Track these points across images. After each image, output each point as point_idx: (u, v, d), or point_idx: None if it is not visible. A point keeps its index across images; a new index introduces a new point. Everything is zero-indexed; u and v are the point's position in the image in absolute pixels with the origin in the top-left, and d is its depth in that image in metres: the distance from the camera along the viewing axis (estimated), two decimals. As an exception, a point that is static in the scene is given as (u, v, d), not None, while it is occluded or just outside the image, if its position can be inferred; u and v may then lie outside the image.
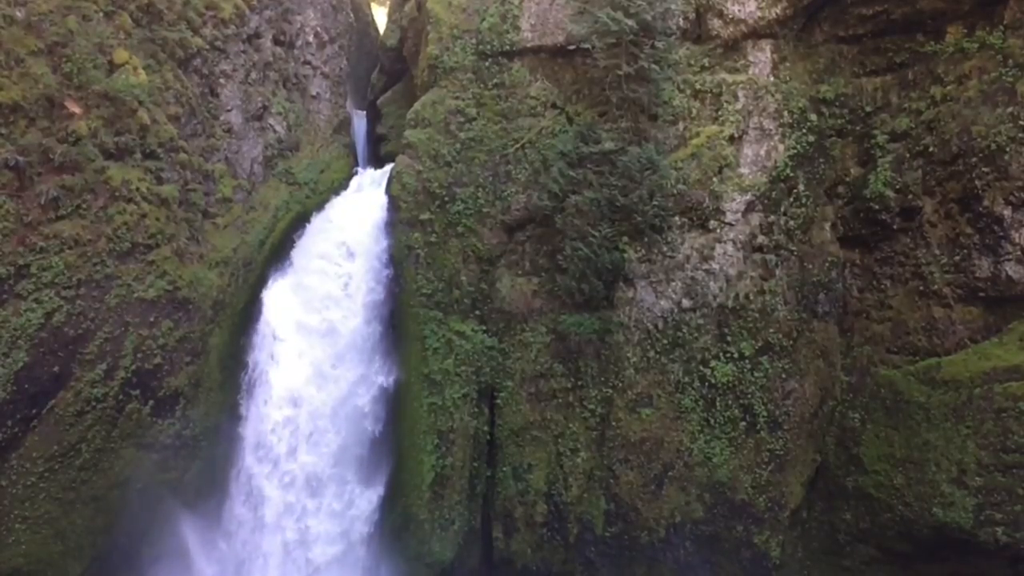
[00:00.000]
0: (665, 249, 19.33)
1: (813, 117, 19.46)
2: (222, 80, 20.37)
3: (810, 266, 19.22)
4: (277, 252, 20.93)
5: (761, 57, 19.78)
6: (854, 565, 18.33)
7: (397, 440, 19.91)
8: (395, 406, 20.01)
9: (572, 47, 20.02)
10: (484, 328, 20.15)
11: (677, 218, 19.34)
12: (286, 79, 22.51)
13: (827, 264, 19.25)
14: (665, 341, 19.19)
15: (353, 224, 21.31)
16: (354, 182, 23.14)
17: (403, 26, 24.85)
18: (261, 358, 19.80)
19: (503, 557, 19.87)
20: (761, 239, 19.22)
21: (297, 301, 20.51)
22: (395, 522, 19.39)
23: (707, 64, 19.95)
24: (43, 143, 16.29)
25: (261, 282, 20.38)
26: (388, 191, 20.67)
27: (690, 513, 18.78)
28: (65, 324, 16.42)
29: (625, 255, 19.23)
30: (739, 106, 19.47)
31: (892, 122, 18.70)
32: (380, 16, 32.63)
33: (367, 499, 19.73)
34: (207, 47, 19.74)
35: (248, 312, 19.91)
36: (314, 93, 23.62)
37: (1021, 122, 16.67)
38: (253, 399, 19.57)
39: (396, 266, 20.44)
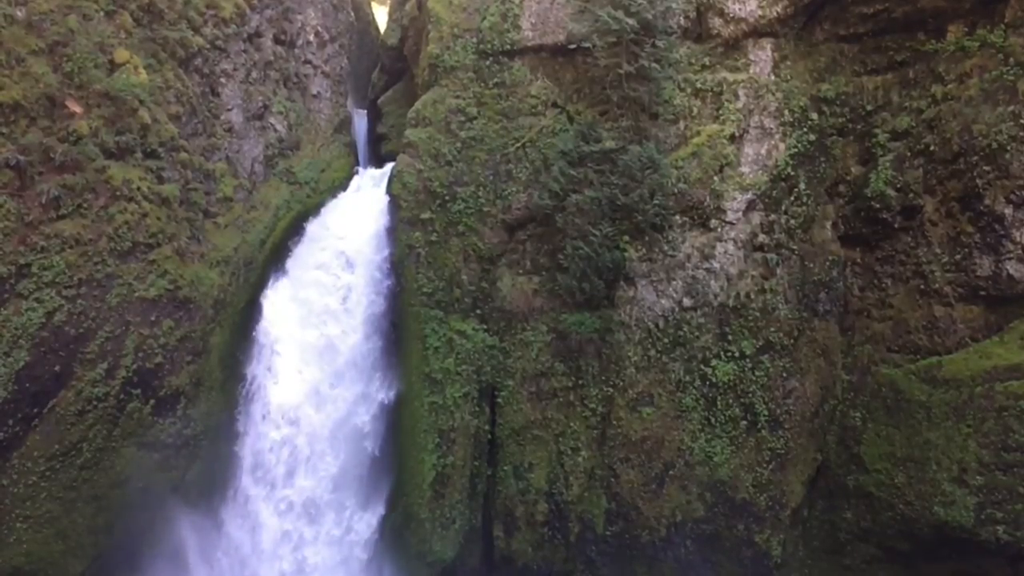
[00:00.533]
0: (666, 248, 19.33)
1: (814, 116, 19.45)
2: (223, 79, 20.37)
3: (811, 265, 19.22)
4: (277, 252, 20.88)
5: (762, 56, 19.78)
6: (855, 564, 18.34)
7: (398, 443, 19.78)
8: (396, 411, 19.85)
9: (573, 46, 20.02)
10: (485, 327, 20.14)
11: (678, 217, 19.34)
12: (287, 78, 22.51)
13: (828, 263, 19.26)
14: (666, 340, 19.19)
15: (352, 232, 20.93)
16: (354, 182, 23.12)
17: (404, 25, 24.85)
18: (259, 371, 19.54)
19: (504, 556, 19.87)
20: (762, 238, 19.22)
21: (295, 314, 20.12)
22: (396, 521, 19.39)
23: (708, 63, 19.95)
24: (44, 142, 16.29)
25: (262, 282, 20.34)
26: (389, 190, 20.66)
27: (691, 512, 18.79)
28: (66, 323, 16.42)
29: (626, 254, 19.23)
30: (740, 105, 19.47)
31: (893, 121, 18.69)
32: (381, 15, 32.62)
33: (366, 523, 19.51)
34: (208, 46, 19.74)
35: (249, 312, 19.87)
36: (315, 92, 23.63)
37: (1022, 121, 16.68)
38: (250, 415, 19.32)
39: (397, 273, 20.19)
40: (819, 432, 18.95)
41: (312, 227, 21.37)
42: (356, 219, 21.23)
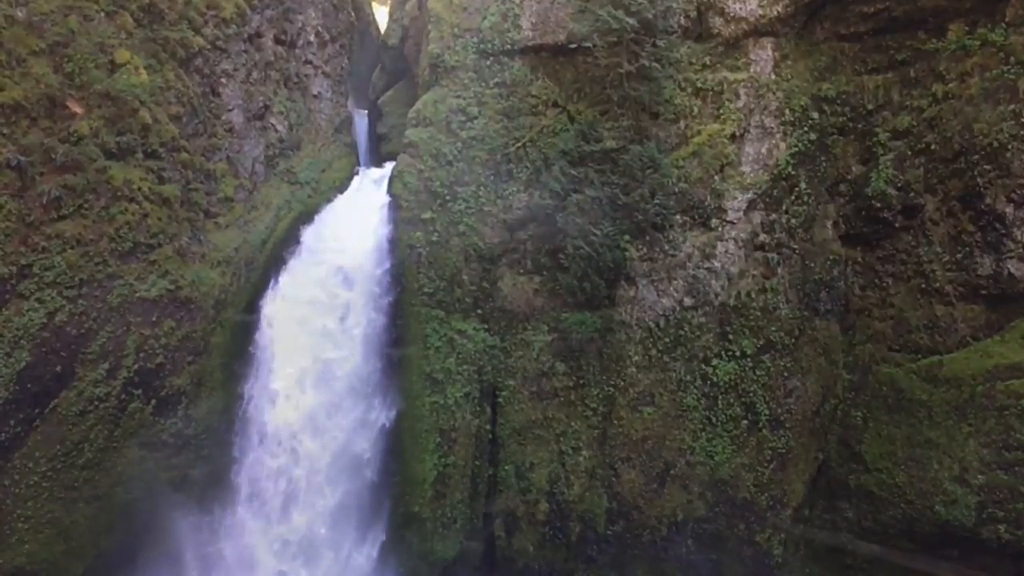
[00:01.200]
0: (667, 247, 19.33)
1: (815, 115, 19.45)
2: (223, 79, 20.38)
3: (812, 264, 19.22)
4: (277, 253, 20.84)
5: (762, 55, 19.77)
6: (856, 563, 18.32)
7: (399, 449, 19.49)
8: (397, 427, 19.53)
9: (573, 45, 20.01)
10: (486, 327, 20.14)
11: (679, 216, 19.34)
12: (287, 78, 22.53)
13: (829, 262, 19.25)
14: (667, 339, 19.19)
15: (350, 245, 20.47)
16: (355, 182, 23.09)
17: (404, 25, 24.89)
18: (256, 391, 19.21)
19: (505, 556, 19.87)
20: (763, 237, 19.22)
21: (292, 333, 19.61)
22: (397, 521, 19.39)
23: (708, 62, 19.94)
24: (45, 143, 16.31)
25: (262, 283, 20.32)
26: (390, 190, 20.66)
27: (692, 511, 18.79)
28: (67, 323, 16.43)
29: (627, 253, 19.23)
30: (740, 104, 19.47)
31: (894, 120, 18.68)
32: (381, 15, 32.64)
33: (365, 555, 19.14)
34: (208, 46, 19.75)
35: (248, 314, 19.74)
36: (315, 92, 23.65)
37: (1023, 119, 16.66)
38: (247, 438, 18.96)
39: (397, 277, 19.95)
40: (820, 431, 18.94)
41: (308, 237, 20.93)
42: (354, 229, 20.74)
